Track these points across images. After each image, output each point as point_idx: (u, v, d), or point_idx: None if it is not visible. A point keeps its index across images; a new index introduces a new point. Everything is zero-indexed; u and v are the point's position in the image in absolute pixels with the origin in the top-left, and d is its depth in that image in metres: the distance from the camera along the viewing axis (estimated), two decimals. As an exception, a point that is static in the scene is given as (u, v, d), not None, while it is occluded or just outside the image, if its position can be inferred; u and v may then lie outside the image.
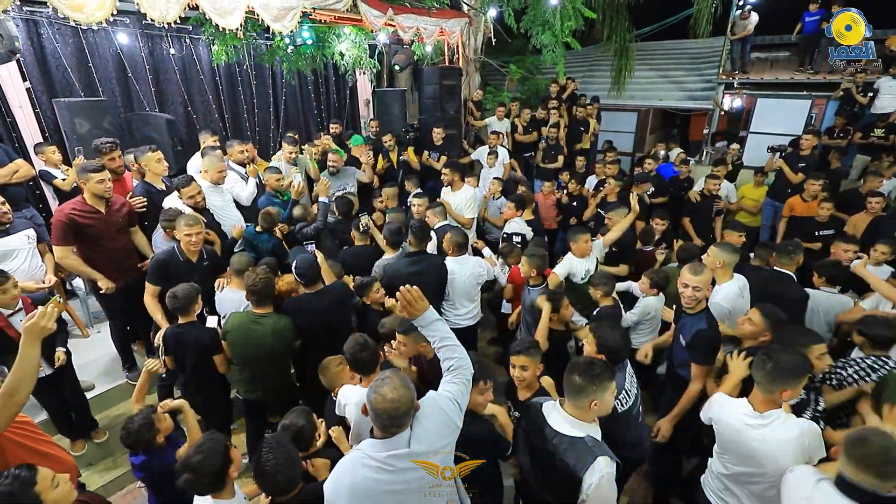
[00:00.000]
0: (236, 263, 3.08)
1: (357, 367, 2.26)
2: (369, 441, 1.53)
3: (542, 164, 7.01)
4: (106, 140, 3.51)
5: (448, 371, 1.71)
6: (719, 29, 8.87)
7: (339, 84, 7.95)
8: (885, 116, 6.98)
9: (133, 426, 2.13)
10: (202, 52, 6.09)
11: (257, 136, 6.90)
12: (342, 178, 4.96)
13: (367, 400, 1.49)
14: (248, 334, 2.75)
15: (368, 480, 1.47)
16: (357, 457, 1.51)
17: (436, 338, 1.74)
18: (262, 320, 2.77)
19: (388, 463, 1.47)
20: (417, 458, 1.49)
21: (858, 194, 5.24)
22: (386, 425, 1.48)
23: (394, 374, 1.54)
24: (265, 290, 2.74)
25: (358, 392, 2.28)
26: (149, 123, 5.07)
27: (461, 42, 7.03)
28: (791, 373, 1.83)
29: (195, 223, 3.00)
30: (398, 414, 1.46)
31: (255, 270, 2.83)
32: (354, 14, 5.46)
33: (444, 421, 1.58)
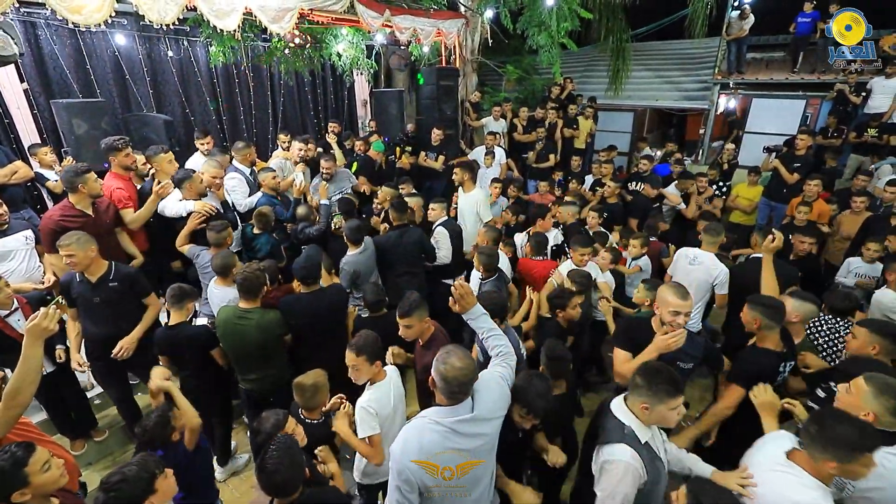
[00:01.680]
0: (218, 264, 3.08)
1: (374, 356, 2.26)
2: (434, 409, 1.69)
3: (536, 165, 7.05)
4: (118, 137, 3.53)
5: (497, 356, 1.93)
6: (715, 29, 8.92)
7: (337, 85, 7.98)
8: (878, 116, 7.03)
9: (149, 424, 2.13)
10: (200, 54, 6.11)
11: (254, 138, 6.91)
12: (338, 182, 4.99)
13: (436, 371, 1.65)
14: (234, 329, 2.79)
15: (436, 443, 1.62)
16: (423, 423, 1.67)
17: (483, 328, 1.97)
18: (248, 315, 2.79)
19: (455, 428, 1.64)
20: (480, 423, 1.69)
21: (850, 193, 5.31)
22: (454, 392, 1.64)
23: (456, 348, 1.72)
24: (250, 285, 2.75)
25: (374, 391, 2.27)
26: (147, 124, 5.10)
27: (458, 43, 7.06)
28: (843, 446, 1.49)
29: (66, 243, 2.65)
30: (467, 380, 1.64)
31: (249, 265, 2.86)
32: (351, 15, 5.50)
33: (501, 393, 1.80)
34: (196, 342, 2.83)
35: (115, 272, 2.87)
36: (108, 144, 3.48)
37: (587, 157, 7.81)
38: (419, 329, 2.39)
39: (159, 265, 3.80)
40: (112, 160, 3.51)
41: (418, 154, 6.48)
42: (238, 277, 2.79)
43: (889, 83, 7.03)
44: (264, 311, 2.85)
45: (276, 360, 2.98)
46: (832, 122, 7.17)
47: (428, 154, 6.39)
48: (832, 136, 7.02)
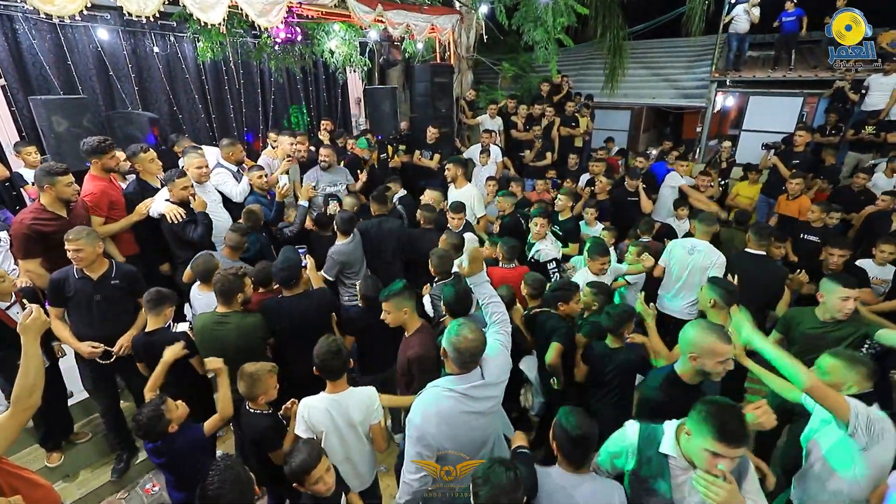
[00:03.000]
0: (199, 266, 2.97)
1: (326, 372, 2.18)
2: (447, 378, 1.84)
3: (532, 163, 6.95)
4: (102, 138, 3.34)
5: (495, 323, 2.07)
6: (712, 27, 8.86)
7: (330, 82, 7.84)
8: (875, 113, 6.99)
9: (142, 419, 2.11)
10: (187, 50, 5.96)
11: (244, 136, 6.77)
12: (334, 175, 4.84)
13: (448, 343, 1.79)
14: (213, 335, 2.67)
15: (453, 409, 1.78)
16: (437, 392, 1.82)
17: (486, 294, 2.12)
18: (226, 319, 2.67)
19: (468, 393, 1.79)
20: (490, 388, 1.85)
21: (850, 191, 5.24)
22: (466, 361, 1.79)
23: (466, 321, 1.87)
24: (226, 289, 2.64)
25: (324, 399, 2.19)
26: (131, 122, 4.94)
27: (452, 39, 6.94)
28: None
29: (75, 237, 2.60)
30: (478, 351, 1.80)
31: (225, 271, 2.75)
32: (343, 10, 5.37)
33: (504, 359, 1.97)
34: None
35: (116, 270, 2.82)
36: (90, 146, 3.27)
37: (584, 156, 7.72)
38: (397, 317, 2.48)
39: (147, 268, 3.64)
40: (95, 162, 3.30)
41: (413, 152, 6.36)
42: (214, 282, 2.67)
43: (887, 80, 6.98)
44: (243, 315, 2.72)
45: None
46: (832, 119, 7.11)
47: (423, 152, 6.27)
48: (830, 134, 6.95)
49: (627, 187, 5.24)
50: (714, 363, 1.87)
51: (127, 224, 3.33)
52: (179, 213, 3.35)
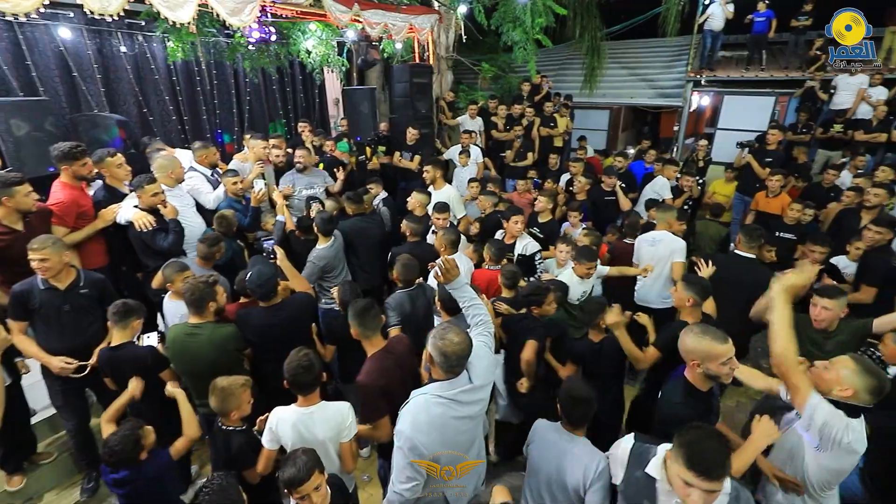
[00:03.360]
0: (168, 273, 2.86)
1: (297, 387, 2.12)
2: (434, 384, 1.81)
3: (513, 163, 6.95)
4: (74, 144, 3.16)
5: (476, 325, 2.05)
6: (687, 27, 9.01)
7: (307, 83, 7.69)
8: (842, 112, 7.21)
9: (116, 444, 2.00)
10: (156, 50, 5.76)
11: (216, 137, 6.59)
12: (311, 177, 4.74)
13: (434, 348, 1.75)
14: (185, 346, 2.56)
15: (443, 415, 1.76)
16: (426, 399, 1.78)
17: (465, 298, 2.09)
18: (199, 330, 2.56)
19: (458, 398, 1.77)
20: (478, 391, 1.84)
21: (821, 188, 5.38)
22: (453, 365, 1.76)
23: (450, 324, 1.85)
24: (196, 298, 2.53)
25: (294, 412, 2.13)
26: (97, 125, 4.74)
27: (431, 39, 6.89)
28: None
29: (40, 247, 2.49)
30: (465, 354, 1.77)
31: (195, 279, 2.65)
32: (318, 9, 5.26)
33: (490, 360, 1.96)
34: (141, 364, 2.58)
35: (84, 278, 2.70)
36: (61, 151, 3.07)
37: (564, 155, 7.76)
38: (356, 334, 2.33)
39: (118, 279, 3.50)
40: (65, 169, 3.11)
41: (393, 154, 6.28)
42: (184, 291, 2.56)
43: (852, 80, 7.22)
44: (217, 325, 2.61)
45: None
46: (802, 117, 7.30)
47: (403, 154, 6.20)
48: (801, 132, 7.14)
49: (604, 186, 5.27)
50: (717, 366, 1.84)
51: (92, 231, 3.17)
52: (149, 221, 3.22)
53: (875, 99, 6.95)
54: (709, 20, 8.47)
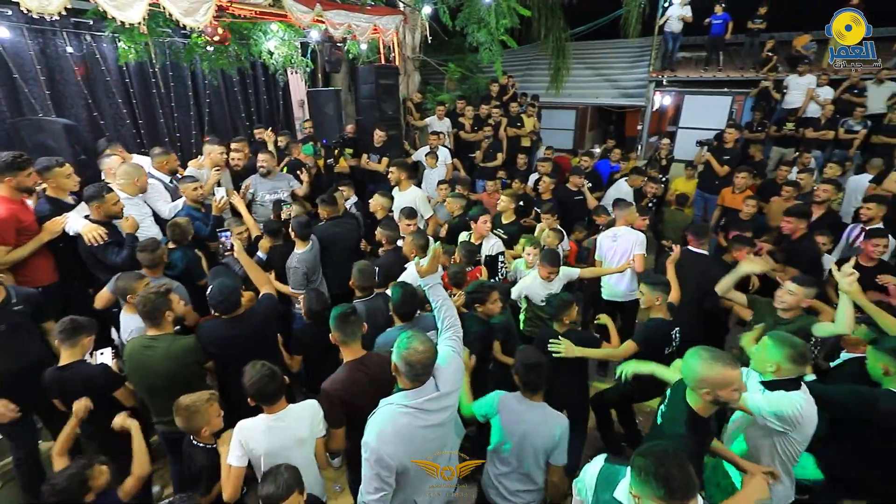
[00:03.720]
0: (120, 287, 2.72)
1: (263, 398, 2.07)
2: (400, 394, 1.78)
3: (483, 164, 6.97)
4: (17, 153, 2.93)
5: (447, 328, 2.03)
6: (648, 29, 9.25)
7: (270, 84, 7.48)
8: (794, 111, 7.57)
9: (60, 484, 1.85)
10: (107, 50, 5.47)
11: (178, 143, 6.32)
12: (275, 182, 4.62)
13: (399, 357, 1.73)
14: (141, 360, 2.45)
15: (409, 425, 1.73)
16: (392, 409, 1.75)
17: (439, 297, 2.07)
18: (155, 343, 2.45)
19: (424, 407, 1.75)
20: (445, 398, 1.80)
21: (774, 184, 5.61)
22: (418, 374, 1.74)
23: (415, 332, 1.80)
24: (148, 310, 2.42)
25: (264, 420, 2.09)
26: (42, 129, 4.45)
27: (397, 40, 6.82)
28: None
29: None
30: (429, 363, 1.75)
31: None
32: (278, 9, 5.12)
33: (457, 366, 1.92)
34: (93, 384, 2.44)
35: (16, 295, 2.56)
36: (4, 162, 2.84)
37: (532, 155, 7.83)
38: (334, 339, 2.31)
39: (69, 292, 3.29)
40: (7, 181, 2.86)
41: (360, 156, 6.19)
42: (136, 303, 2.44)
43: (801, 80, 7.58)
44: (175, 337, 2.50)
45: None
46: (757, 116, 7.61)
47: (370, 156, 6.12)
48: (757, 130, 7.44)
49: (571, 186, 5.35)
50: (729, 392, 1.71)
51: (36, 246, 2.96)
52: (100, 235, 3.04)
53: (822, 98, 7.32)
54: (668, 23, 8.73)
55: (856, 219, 4.37)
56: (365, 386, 2.20)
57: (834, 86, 7.52)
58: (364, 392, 2.17)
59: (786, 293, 2.76)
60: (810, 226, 4.24)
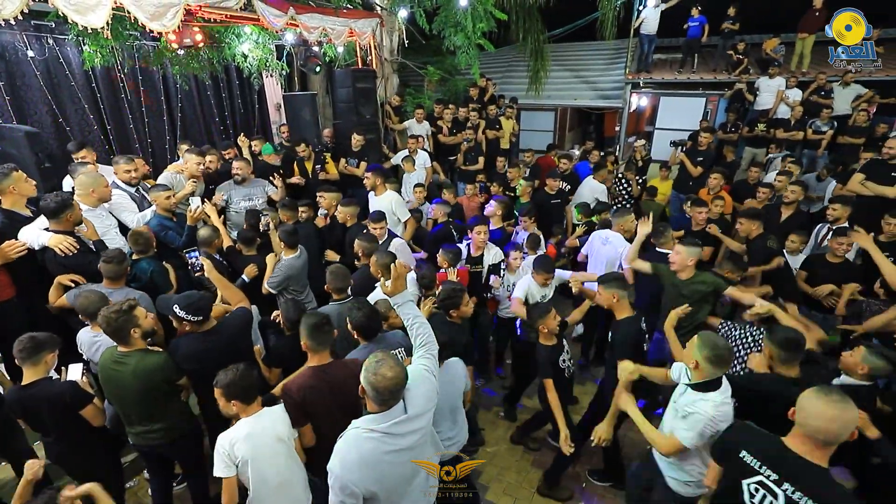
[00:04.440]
0: (81, 305, 2.63)
1: (241, 395, 2.09)
2: (367, 417, 1.73)
3: (463, 167, 6.96)
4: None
5: (420, 346, 1.99)
6: (624, 32, 9.37)
7: (245, 88, 7.35)
8: (765, 112, 7.75)
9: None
10: (71, 54, 5.29)
11: (150, 149, 6.16)
12: (249, 188, 4.54)
13: (366, 382, 1.68)
14: (111, 375, 2.40)
15: (375, 450, 1.69)
16: (357, 434, 1.71)
17: (410, 315, 2.02)
18: (125, 359, 2.39)
19: (391, 431, 1.70)
20: (414, 421, 1.76)
21: (747, 185, 5.74)
22: (386, 399, 1.69)
23: (386, 355, 1.74)
24: (114, 329, 2.34)
25: (244, 424, 2.09)
26: (2, 137, 4.30)
27: (373, 43, 6.77)
28: None
29: None
30: (398, 388, 1.70)
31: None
32: (250, 13, 5.02)
33: (429, 387, 1.87)
34: (59, 403, 2.36)
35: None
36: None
37: (511, 158, 7.86)
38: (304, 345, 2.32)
39: (30, 308, 3.14)
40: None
41: (338, 160, 6.12)
42: (99, 323, 2.36)
43: (772, 82, 7.77)
44: (144, 354, 2.42)
45: (165, 410, 2.54)
46: (731, 117, 7.77)
47: (349, 160, 6.06)
48: (730, 131, 7.60)
49: (549, 189, 5.38)
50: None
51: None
52: (71, 243, 2.94)
53: (792, 100, 7.52)
54: (643, 24, 8.85)
55: (824, 219, 4.49)
56: (324, 393, 2.21)
57: (802, 88, 7.72)
58: (323, 400, 2.20)
59: (674, 254, 3.13)
60: (778, 226, 4.37)
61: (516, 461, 3.47)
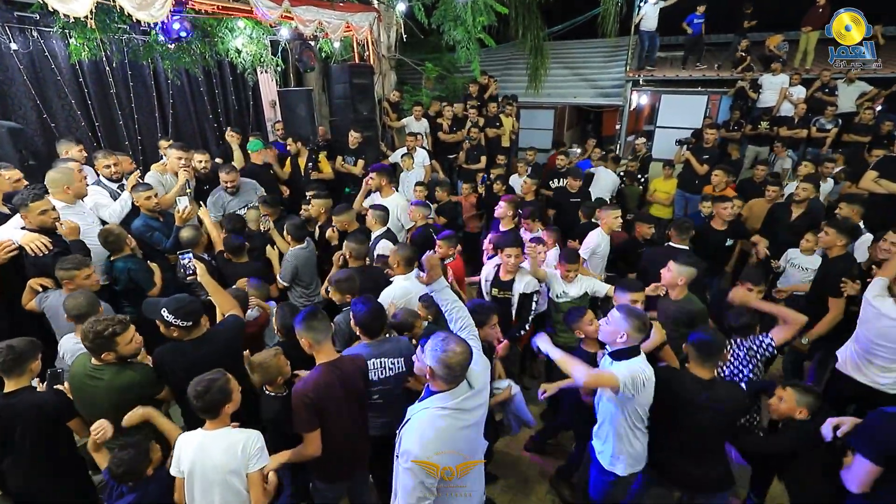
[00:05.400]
0: (69, 306, 2.47)
1: (203, 410, 1.96)
2: (436, 396, 1.76)
3: (465, 166, 6.82)
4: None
5: (462, 329, 2.04)
6: (625, 28, 9.24)
7: (238, 84, 7.15)
8: (768, 110, 7.65)
9: (126, 456, 1.99)
10: (57, 47, 5.09)
11: (139, 146, 5.97)
12: (242, 196, 4.39)
13: (437, 360, 1.69)
14: (83, 390, 2.24)
15: (450, 427, 1.72)
16: (430, 413, 1.73)
17: (447, 301, 2.08)
18: (98, 373, 2.22)
19: (462, 406, 1.74)
20: (479, 395, 1.83)
21: (753, 183, 5.62)
22: (458, 375, 1.74)
23: (448, 334, 1.79)
24: (94, 344, 2.17)
25: (198, 434, 2.00)
26: (-17, 133, 4.11)
27: (371, 38, 6.61)
28: None
29: None
30: (468, 362, 1.74)
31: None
32: (244, 5, 4.87)
33: (484, 363, 1.94)
34: (41, 413, 2.20)
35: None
36: None
37: (511, 155, 7.73)
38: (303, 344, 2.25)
39: (9, 309, 2.98)
40: None
41: (335, 158, 5.96)
42: (83, 338, 2.18)
43: (775, 80, 7.67)
44: (120, 368, 2.24)
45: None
46: (735, 115, 7.66)
47: (346, 158, 5.90)
48: (733, 129, 7.49)
49: (569, 188, 5.28)
50: None
51: None
52: (43, 244, 2.77)
53: (796, 97, 7.42)
54: (643, 21, 8.72)
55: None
56: (337, 388, 2.15)
57: (806, 85, 7.62)
58: (335, 395, 2.15)
59: (665, 270, 3.04)
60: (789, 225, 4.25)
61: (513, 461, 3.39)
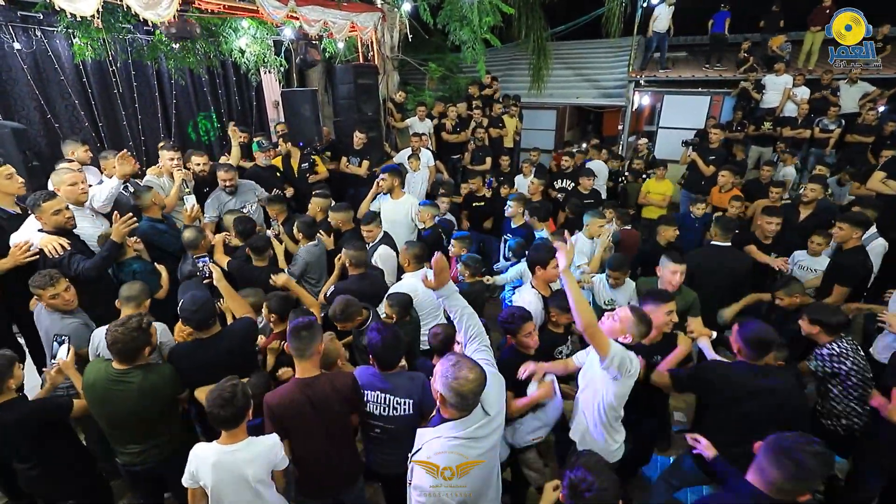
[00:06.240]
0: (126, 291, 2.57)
1: (216, 422, 1.89)
2: (447, 425, 1.64)
3: (471, 166, 6.80)
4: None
5: (473, 339, 1.92)
6: (629, 28, 9.24)
7: (242, 84, 7.12)
8: (772, 111, 7.66)
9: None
10: (61, 47, 5.05)
11: (143, 147, 5.92)
12: (241, 196, 4.34)
13: (447, 387, 1.57)
14: (106, 394, 2.18)
15: (459, 457, 1.61)
16: (442, 443, 1.63)
17: (458, 307, 1.95)
18: (127, 378, 2.18)
19: (474, 435, 1.64)
20: (494, 421, 1.70)
21: (758, 183, 5.61)
22: (469, 404, 1.62)
23: (461, 357, 1.65)
24: (122, 348, 2.14)
25: (215, 450, 1.92)
26: (-14, 133, 4.06)
27: (375, 38, 6.59)
28: None
29: None
30: (481, 388, 1.62)
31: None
32: (249, 4, 4.84)
33: (499, 383, 1.82)
34: (30, 422, 2.16)
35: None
36: None
37: (515, 156, 7.72)
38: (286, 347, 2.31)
39: (11, 309, 3.00)
40: None
41: (339, 159, 5.93)
42: (107, 337, 2.15)
43: (778, 80, 7.68)
44: (147, 370, 2.23)
45: (166, 426, 2.36)
46: (738, 116, 7.66)
47: (350, 159, 5.86)
48: (737, 130, 7.50)
49: (582, 189, 5.28)
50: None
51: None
52: (61, 244, 2.76)
53: (799, 98, 7.43)
54: (656, 22, 8.68)
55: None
56: (305, 408, 2.04)
57: (809, 85, 7.63)
58: (303, 415, 2.04)
59: (659, 268, 3.09)
60: (797, 226, 4.24)
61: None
